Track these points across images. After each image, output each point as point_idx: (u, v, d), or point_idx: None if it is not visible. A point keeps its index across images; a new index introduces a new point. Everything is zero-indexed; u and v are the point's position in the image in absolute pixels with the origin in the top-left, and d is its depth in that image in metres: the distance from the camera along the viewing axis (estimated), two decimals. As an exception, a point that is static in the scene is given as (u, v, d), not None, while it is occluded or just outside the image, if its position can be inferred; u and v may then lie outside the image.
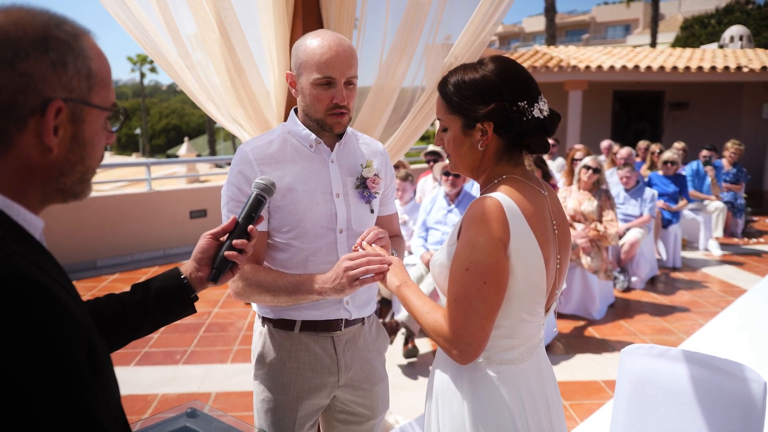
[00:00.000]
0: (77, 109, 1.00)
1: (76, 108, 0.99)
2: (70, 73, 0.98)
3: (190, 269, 1.50)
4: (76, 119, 1.00)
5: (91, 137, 1.04)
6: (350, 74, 1.83)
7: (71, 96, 0.98)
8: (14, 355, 0.79)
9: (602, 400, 4.00)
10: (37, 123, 0.95)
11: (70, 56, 0.98)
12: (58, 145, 0.98)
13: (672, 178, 7.95)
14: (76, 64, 0.98)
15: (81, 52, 1.00)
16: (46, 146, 0.97)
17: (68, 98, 0.98)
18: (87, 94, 1.01)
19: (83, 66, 1.00)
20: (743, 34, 16.64)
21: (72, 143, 1.01)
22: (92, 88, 1.01)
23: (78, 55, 0.99)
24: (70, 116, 0.99)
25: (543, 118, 1.51)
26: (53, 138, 0.97)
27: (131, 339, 1.44)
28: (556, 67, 12.05)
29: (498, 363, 1.54)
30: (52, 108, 0.95)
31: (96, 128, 1.04)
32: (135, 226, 8.19)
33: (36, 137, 0.96)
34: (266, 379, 2.00)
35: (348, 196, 1.95)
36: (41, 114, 0.95)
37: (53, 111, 0.95)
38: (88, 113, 1.02)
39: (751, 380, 1.88)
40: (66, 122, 0.98)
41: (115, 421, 1.00)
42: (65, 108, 0.97)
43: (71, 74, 0.98)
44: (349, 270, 1.69)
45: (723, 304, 6.10)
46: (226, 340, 5.22)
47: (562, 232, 1.60)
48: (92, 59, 1.01)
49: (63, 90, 0.97)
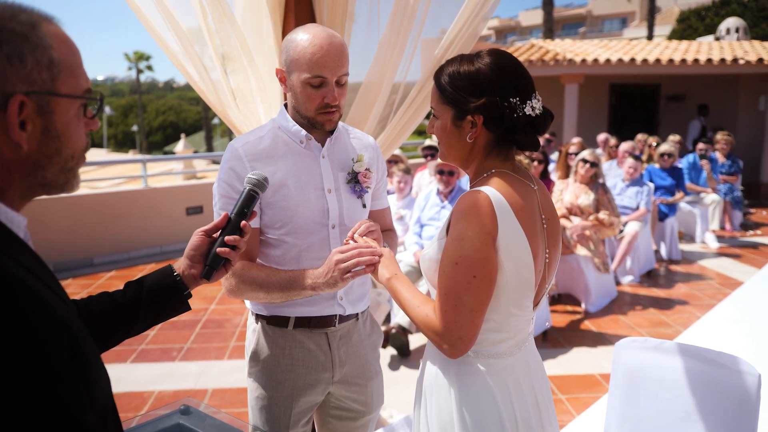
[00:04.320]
0: (43, 101, 0.97)
1: (41, 100, 0.96)
2: (29, 66, 0.95)
3: (182, 266, 1.49)
4: (43, 111, 0.97)
5: (64, 128, 1.01)
6: (341, 72, 1.81)
7: (33, 89, 0.95)
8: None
9: (599, 393, 4.00)
10: (2, 120, 0.93)
11: (27, 47, 0.94)
12: (28, 139, 0.96)
13: (669, 171, 7.95)
14: (34, 55, 0.95)
15: (40, 42, 0.96)
16: (14, 142, 0.95)
17: (30, 91, 0.95)
18: (51, 85, 0.98)
19: (43, 56, 0.96)
20: (739, 26, 16.62)
21: (43, 136, 0.98)
22: (57, 77, 0.98)
23: (36, 46, 0.96)
24: (37, 109, 0.96)
25: (535, 116, 1.50)
26: (21, 133, 0.95)
27: (125, 337, 1.43)
28: (552, 60, 12.03)
29: (486, 356, 1.54)
30: (13, 103, 0.93)
31: (68, 118, 1.01)
32: (131, 223, 8.17)
33: (4, 134, 0.94)
34: (260, 376, 1.99)
35: (340, 191, 1.94)
36: (3, 110, 0.93)
37: (15, 106, 0.93)
38: (57, 103, 0.99)
39: (746, 373, 1.88)
40: (33, 116, 0.96)
41: (104, 418, 0.99)
42: (29, 102, 0.94)
43: (30, 66, 0.95)
44: (340, 263, 1.68)
45: (720, 296, 6.11)
46: (222, 336, 5.21)
47: (552, 226, 1.60)
48: (53, 48, 0.98)
49: (23, 84, 0.94)
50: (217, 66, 2.44)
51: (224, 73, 2.43)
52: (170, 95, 68.77)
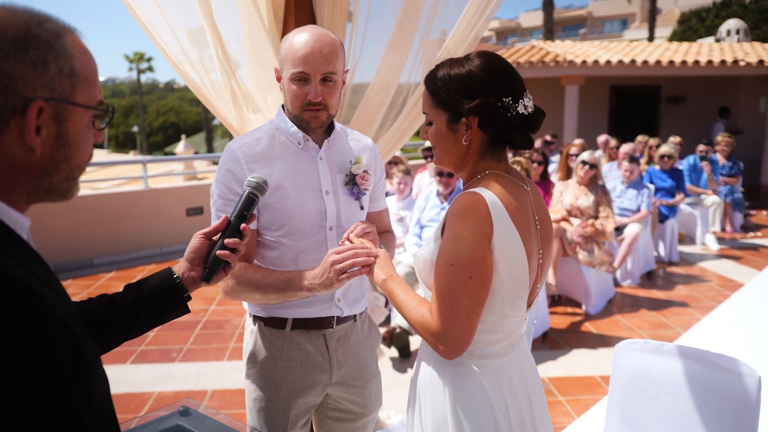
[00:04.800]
0: (60, 109, 0.99)
1: (58, 107, 0.98)
2: (52, 73, 0.97)
3: (182, 269, 1.50)
4: (59, 118, 0.99)
5: (76, 136, 1.03)
6: (326, 70, 1.80)
7: (53, 95, 0.97)
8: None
9: (599, 395, 4.00)
10: (19, 123, 0.95)
11: (51, 55, 0.97)
12: (41, 144, 0.98)
13: (669, 173, 7.95)
14: (57, 63, 0.97)
15: (63, 51, 0.98)
16: (28, 146, 0.96)
17: (50, 98, 0.97)
18: (70, 93, 1.00)
19: (65, 65, 0.99)
20: (740, 28, 16.61)
21: (56, 142, 1.00)
22: (75, 86, 1.01)
23: (60, 54, 0.98)
24: (53, 116, 0.98)
25: (527, 114, 1.52)
26: (36, 138, 0.96)
27: (124, 339, 1.44)
28: (552, 62, 12.03)
29: (480, 357, 1.55)
30: (33, 108, 0.95)
31: (81, 127, 1.04)
32: (131, 223, 8.18)
33: (19, 137, 0.95)
34: (258, 377, 1.98)
35: (337, 193, 1.93)
36: (22, 114, 0.94)
37: (34, 111, 0.95)
38: (72, 112, 1.01)
39: (746, 375, 1.88)
40: (49, 122, 0.98)
41: (102, 419, 1.00)
42: (47, 107, 0.96)
43: (53, 73, 0.97)
44: (335, 264, 1.68)
45: (720, 298, 6.10)
46: (222, 337, 5.21)
47: (544, 227, 1.61)
48: (75, 57, 1.00)
49: (44, 89, 0.96)
50: (216, 67, 2.43)
51: (225, 74, 2.42)
52: (171, 96, 68.84)
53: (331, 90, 1.84)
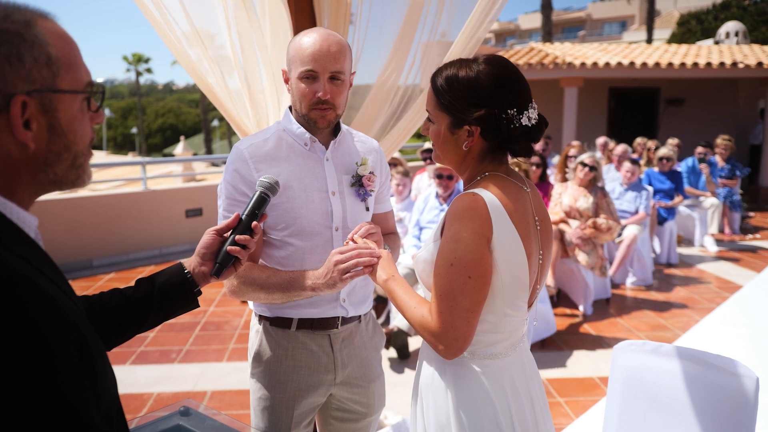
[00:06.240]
0: (45, 99, 0.96)
1: (43, 98, 0.96)
2: (28, 64, 0.94)
3: (193, 264, 1.53)
4: (47, 109, 0.97)
5: (70, 123, 1.00)
6: (335, 69, 1.82)
7: (34, 87, 0.95)
8: (3, 350, 0.79)
9: (598, 396, 4.01)
10: (6, 121, 0.93)
11: (24, 47, 0.94)
12: (34, 138, 0.96)
13: (667, 175, 7.96)
14: (32, 54, 0.94)
15: (36, 40, 0.95)
16: (20, 142, 0.95)
17: (32, 90, 0.94)
18: (52, 82, 0.97)
19: (41, 54, 0.95)
20: (739, 30, 16.65)
21: (50, 134, 0.98)
22: (56, 74, 0.98)
23: (33, 44, 0.95)
24: (40, 107, 0.96)
25: (531, 126, 1.51)
26: (26, 133, 0.94)
27: (135, 333, 1.45)
28: (551, 64, 12.04)
29: (482, 357, 1.56)
30: (15, 104, 0.93)
31: (72, 113, 1.01)
32: (131, 225, 8.17)
33: (10, 135, 0.94)
34: (263, 377, 2.00)
35: (344, 194, 1.95)
36: (7, 111, 0.93)
37: (18, 106, 0.93)
38: (60, 100, 0.98)
39: (744, 376, 1.89)
40: (37, 114, 0.96)
41: (109, 417, 1.00)
42: (31, 101, 0.94)
43: (29, 65, 0.94)
44: (339, 263, 1.70)
45: (719, 300, 6.11)
46: (221, 338, 5.22)
47: (544, 228, 1.62)
48: (50, 44, 0.97)
49: (24, 83, 0.94)
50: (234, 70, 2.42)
51: (241, 77, 2.42)
52: (169, 97, 68.85)
53: (339, 89, 1.86)
